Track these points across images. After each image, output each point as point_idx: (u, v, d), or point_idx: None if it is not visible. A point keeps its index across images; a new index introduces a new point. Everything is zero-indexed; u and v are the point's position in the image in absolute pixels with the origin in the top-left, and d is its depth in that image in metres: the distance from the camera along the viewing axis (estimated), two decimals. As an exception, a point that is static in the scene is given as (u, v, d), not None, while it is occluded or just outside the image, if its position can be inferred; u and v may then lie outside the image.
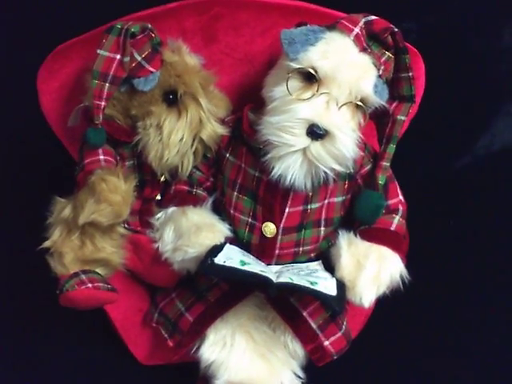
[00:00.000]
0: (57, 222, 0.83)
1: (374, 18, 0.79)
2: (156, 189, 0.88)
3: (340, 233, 0.83)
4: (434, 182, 1.15)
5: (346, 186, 0.85)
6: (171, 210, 0.85)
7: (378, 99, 0.78)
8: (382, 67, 0.79)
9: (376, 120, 0.84)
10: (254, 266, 0.77)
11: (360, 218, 0.84)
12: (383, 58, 0.79)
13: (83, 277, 0.80)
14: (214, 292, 0.86)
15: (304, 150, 0.76)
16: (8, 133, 1.06)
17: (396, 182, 0.87)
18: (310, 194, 0.83)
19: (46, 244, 0.83)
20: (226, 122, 0.86)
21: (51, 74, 0.91)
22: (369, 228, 0.83)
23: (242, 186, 0.85)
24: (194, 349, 0.85)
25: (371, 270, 0.79)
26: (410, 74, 0.80)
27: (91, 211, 0.79)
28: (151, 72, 0.81)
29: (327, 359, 0.85)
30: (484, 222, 1.15)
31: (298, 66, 0.77)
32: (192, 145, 0.83)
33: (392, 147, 0.83)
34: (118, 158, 0.86)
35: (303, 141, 0.75)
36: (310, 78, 0.77)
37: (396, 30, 0.79)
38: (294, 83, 0.78)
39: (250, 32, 0.90)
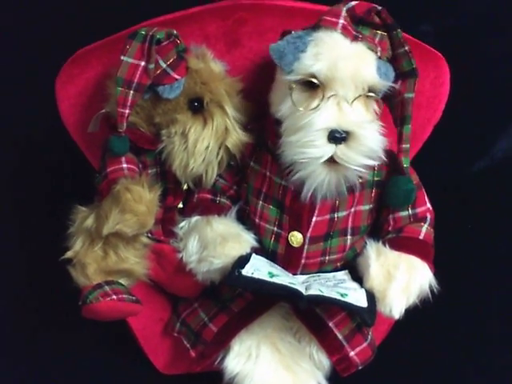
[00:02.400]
0: (79, 231, 0.82)
1: (354, 3, 0.77)
2: (178, 197, 0.86)
3: (368, 242, 0.81)
4: (451, 185, 1.14)
5: (373, 193, 0.83)
6: (195, 219, 0.84)
7: (386, 81, 0.76)
8: (379, 48, 0.77)
9: (387, 102, 0.82)
10: (283, 277, 0.76)
11: (393, 204, 0.83)
12: (377, 39, 0.77)
13: (107, 288, 0.79)
14: (237, 302, 0.84)
15: (331, 158, 0.74)
16: (27, 139, 1.05)
17: (424, 190, 0.85)
18: (337, 202, 0.81)
19: (68, 254, 0.81)
20: (249, 129, 0.85)
21: (70, 79, 0.90)
22: (397, 237, 0.82)
23: (267, 194, 0.83)
24: (218, 360, 0.84)
25: (401, 280, 0.78)
26: (406, 47, 0.77)
27: (116, 221, 0.77)
28: (176, 79, 0.79)
29: (352, 369, 0.84)
30: (503, 225, 1.14)
31: (296, 78, 0.75)
32: (217, 153, 0.81)
33: (407, 127, 0.80)
34: (141, 165, 0.85)
35: (329, 149, 0.73)
36: (312, 85, 0.75)
37: (379, 8, 0.76)
38: (299, 95, 0.76)
39: (273, 37, 0.87)
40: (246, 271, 0.74)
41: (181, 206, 0.87)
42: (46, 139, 1.02)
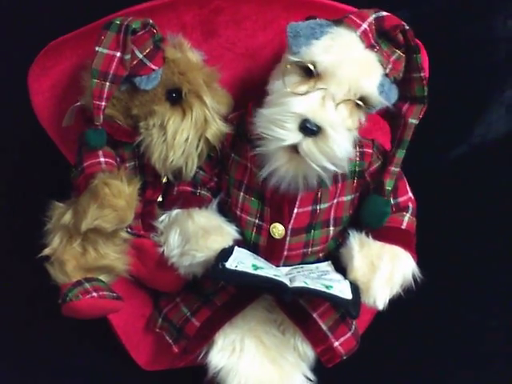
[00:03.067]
0: (56, 228, 0.80)
1: (385, 14, 0.75)
2: (158, 190, 0.85)
3: (351, 233, 0.81)
4: (430, 173, 1.14)
5: (355, 184, 0.83)
6: (175, 212, 0.82)
7: (383, 99, 0.75)
8: (390, 66, 0.76)
9: (389, 121, 0.82)
10: (267, 269, 0.75)
11: (365, 222, 0.82)
12: (393, 57, 0.76)
13: (87, 285, 0.77)
14: (220, 296, 0.83)
15: (295, 147, 0.73)
16: (-1, 135, 1.02)
17: (405, 180, 0.85)
18: (319, 193, 0.80)
19: (46, 252, 0.79)
20: (229, 119, 0.83)
21: (43, 71, 0.87)
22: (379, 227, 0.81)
23: (248, 186, 0.82)
24: (202, 354, 0.83)
25: (385, 271, 0.78)
26: (422, 74, 0.77)
27: (94, 217, 0.75)
28: (153, 70, 0.77)
29: (336, 360, 0.84)
30: (482, 211, 1.14)
31: (296, 60, 0.74)
32: (197, 145, 0.80)
33: (401, 152, 0.80)
34: (119, 159, 0.83)
35: (295, 136, 0.72)
36: (309, 72, 0.74)
37: (407, 27, 0.75)
38: (293, 77, 0.75)
39: (251, 26, 0.87)
40: (230, 264, 0.73)
41: (160, 199, 0.85)
42: (20, 133, 0.99)
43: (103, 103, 0.76)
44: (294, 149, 0.73)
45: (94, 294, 0.76)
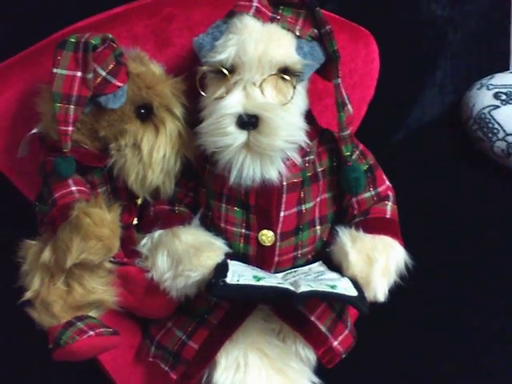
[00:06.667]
0: (33, 268, 0.74)
1: None
2: (133, 213, 0.81)
3: (339, 229, 0.80)
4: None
5: (335, 180, 0.82)
6: (157, 233, 0.78)
7: (309, 60, 0.74)
8: (298, 27, 0.75)
9: None
10: (269, 279, 0.72)
11: (346, 192, 0.81)
12: (300, 18, 0.75)
13: (80, 325, 0.72)
14: (215, 313, 0.79)
15: (247, 144, 0.72)
16: None
17: (380, 169, 0.85)
18: (302, 193, 0.79)
19: (28, 295, 0.73)
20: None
21: (-15, 103, 0.80)
22: (365, 219, 0.81)
23: (229, 196, 0.79)
24: (205, 377, 0.79)
25: (381, 262, 0.77)
26: (327, 27, 0.75)
27: (80, 250, 0.69)
28: (119, 87, 0.73)
29: (336, 360, 0.82)
30: (426, 194, 1.16)
31: (206, 68, 0.74)
32: (175, 160, 0.76)
33: (341, 115, 0.77)
34: (89, 185, 0.77)
35: (239, 135, 0.71)
36: (222, 73, 0.73)
37: None
38: (211, 85, 0.75)
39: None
40: (230, 279, 0.70)
41: (135, 222, 0.81)
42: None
43: (70, 128, 0.71)
44: (247, 146, 0.72)
45: (91, 332, 0.71)
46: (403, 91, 1.23)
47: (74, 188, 0.74)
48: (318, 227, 0.82)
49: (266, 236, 0.79)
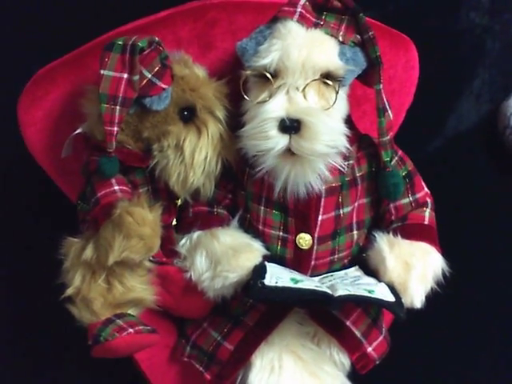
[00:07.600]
0: (75, 265, 0.75)
1: None
2: (172, 214, 0.82)
3: (377, 235, 0.80)
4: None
5: (374, 185, 0.82)
6: (196, 234, 0.79)
7: (351, 66, 0.74)
8: (341, 33, 0.75)
9: None
10: (307, 282, 0.73)
11: (385, 198, 0.81)
12: (343, 24, 0.76)
13: (120, 322, 0.73)
14: (251, 315, 0.80)
15: (289, 150, 0.72)
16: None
17: (419, 175, 0.85)
18: (340, 197, 0.79)
19: (69, 292, 0.74)
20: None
21: (34, 102, 0.83)
22: (403, 225, 0.81)
23: (268, 199, 0.80)
24: (239, 378, 0.80)
25: (419, 268, 0.77)
26: (370, 33, 0.75)
27: (122, 249, 0.71)
28: (164, 89, 0.74)
29: (370, 365, 0.82)
30: (462, 202, 1.15)
31: (249, 72, 0.75)
32: (216, 162, 0.77)
33: (381, 121, 0.78)
34: (130, 185, 0.79)
35: (281, 140, 0.72)
36: (265, 78, 0.74)
37: None
38: (255, 89, 0.76)
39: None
40: (269, 281, 0.71)
41: (174, 222, 0.82)
42: (12, 170, 0.93)
43: (115, 128, 0.73)
44: (289, 151, 0.72)
45: (131, 330, 0.72)
46: (440, 99, 1.23)
47: (116, 187, 0.76)
48: (355, 232, 0.82)
49: (304, 239, 0.79)
